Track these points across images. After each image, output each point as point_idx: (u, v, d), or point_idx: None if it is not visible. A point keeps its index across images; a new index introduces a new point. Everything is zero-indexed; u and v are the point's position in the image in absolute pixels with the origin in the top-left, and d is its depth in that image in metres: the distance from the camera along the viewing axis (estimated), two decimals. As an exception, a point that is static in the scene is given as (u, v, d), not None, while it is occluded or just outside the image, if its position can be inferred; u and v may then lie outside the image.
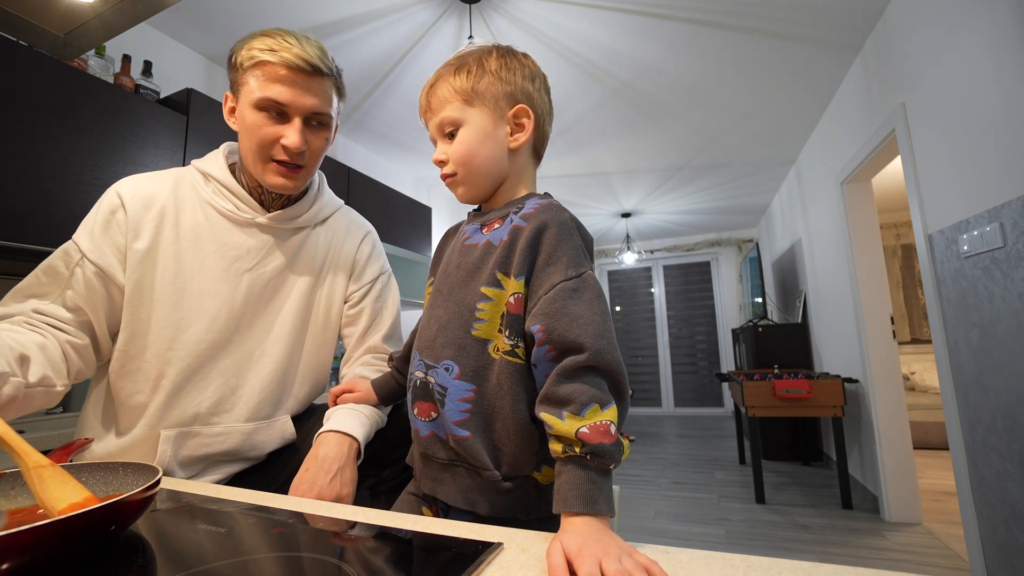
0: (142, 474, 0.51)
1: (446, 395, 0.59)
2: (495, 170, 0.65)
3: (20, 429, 1.34)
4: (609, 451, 0.47)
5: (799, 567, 0.37)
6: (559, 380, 0.51)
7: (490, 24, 2.08)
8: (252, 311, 0.82)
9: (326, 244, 0.91)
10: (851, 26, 2.15)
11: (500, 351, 0.58)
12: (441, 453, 0.60)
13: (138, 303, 0.76)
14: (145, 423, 0.76)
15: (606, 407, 0.49)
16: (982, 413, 1.58)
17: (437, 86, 0.66)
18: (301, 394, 0.89)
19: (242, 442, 0.80)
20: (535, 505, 0.58)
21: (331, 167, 2.44)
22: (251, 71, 0.74)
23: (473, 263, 0.62)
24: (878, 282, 2.60)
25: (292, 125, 0.76)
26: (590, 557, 0.39)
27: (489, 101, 0.64)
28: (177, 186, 0.82)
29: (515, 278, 0.58)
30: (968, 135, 1.56)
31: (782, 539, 2.31)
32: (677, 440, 4.66)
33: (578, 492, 0.46)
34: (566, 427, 0.48)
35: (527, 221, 0.59)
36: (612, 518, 0.47)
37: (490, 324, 0.59)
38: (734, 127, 3.14)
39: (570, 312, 0.53)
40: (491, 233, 0.63)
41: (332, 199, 0.96)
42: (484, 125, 0.63)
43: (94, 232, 0.76)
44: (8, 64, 1.28)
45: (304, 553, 0.44)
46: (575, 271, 0.56)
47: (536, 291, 0.56)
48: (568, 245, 0.57)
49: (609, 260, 6.62)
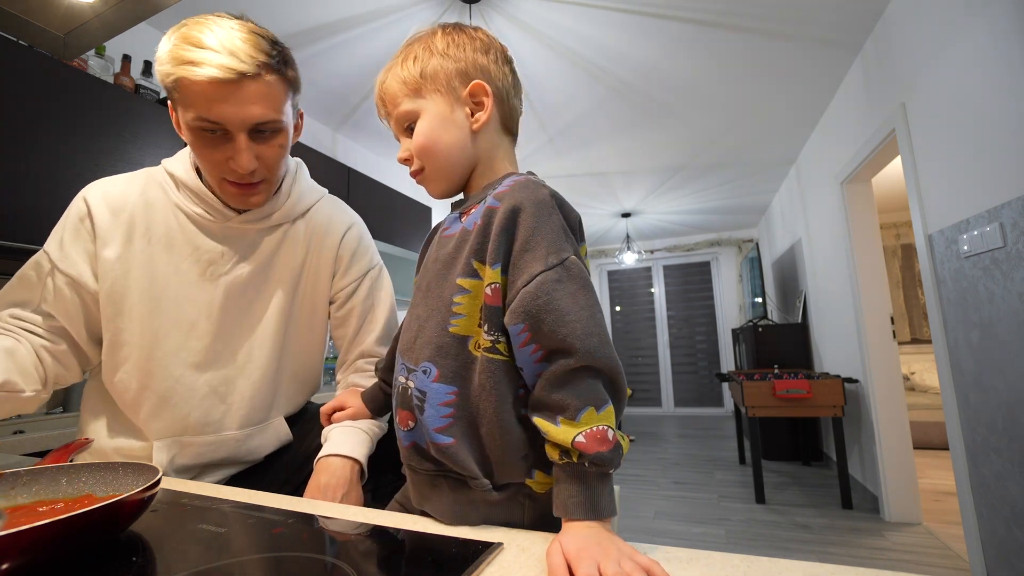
0: (142, 474, 0.51)
1: (425, 400, 0.54)
2: (461, 157, 0.60)
3: (20, 429, 1.35)
4: (608, 459, 0.45)
5: (799, 567, 0.37)
6: (550, 387, 0.48)
7: (490, 24, 2.08)
8: (233, 317, 0.78)
9: (306, 240, 0.85)
10: (851, 26, 2.15)
11: (481, 348, 0.53)
12: (424, 464, 0.56)
13: (114, 313, 0.74)
14: (136, 433, 0.76)
15: (602, 408, 0.47)
16: (982, 413, 1.58)
17: (388, 82, 0.61)
18: (292, 396, 0.87)
19: (237, 448, 0.79)
20: (529, 514, 0.54)
21: (331, 167, 2.44)
22: (175, 90, 0.65)
23: (449, 254, 0.57)
24: (878, 282, 2.60)
25: (236, 144, 0.68)
26: (588, 559, 0.38)
27: (441, 84, 0.59)
28: (147, 188, 0.77)
29: (491, 267, 0.52)
30: (968, 135, 1.56)
31: (782, 539, 2.31)
32: (677, 440, 4.66)
33: (578, 500, 0.44)
34: (562, 435, 0.46)
35: (500, 201, 0.53)
36: (614, 517, 0.46)
37: (469, 319, 0.54)
38: (734, 127, 3.14)
39: (554, 308, 0.48)
40: (469, 218, 0.57)
41: (311, 189, 0.88)
42: (440, 111, 0.59)
43: (64, 241, 0.74)
44: (8, 64, 1.28)
45: (304, 553, 0.44)
46: (556, 258, 0.50)
47: (514, 282, 0.51)
48: (547, 227, 0.51)
49: (609, 260, 6.62)
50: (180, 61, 0.62)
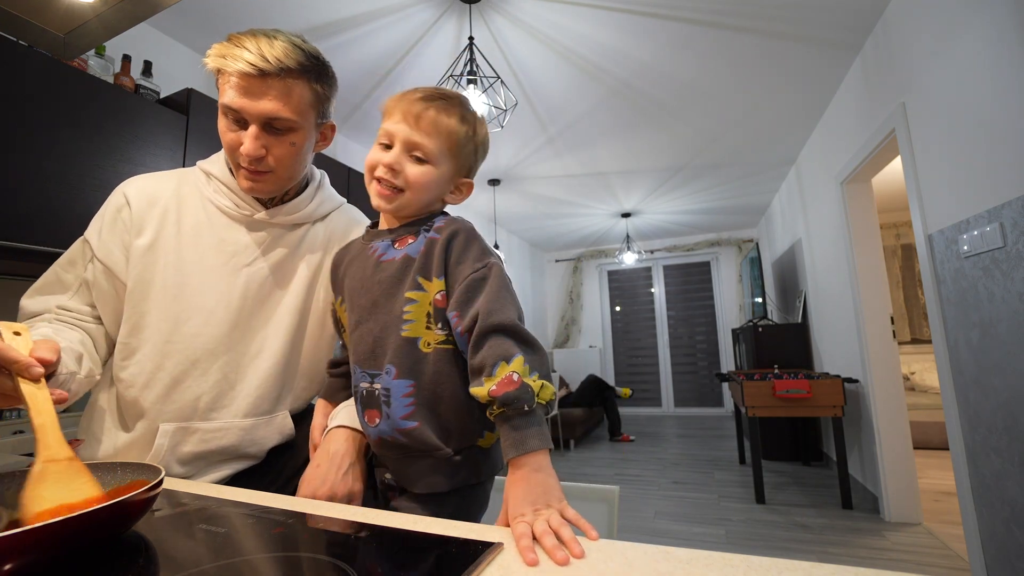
0: (144, 474, 0.51)
1: (390, 395, 0.65)
2: (426, 206, 0.74)
3: (20, 430, 1.35)
4: (515, 396, 0.53)
5: (799, 567, 0.37)
6: (472, 353, 0.60)
7: (490, 24, 2.09)
8: (250, 307, 0.83)
9: (325, 240, 0.91)
10: (851, 26, 2.15)
11: (432, 344, 0.66)
12: (391, 451, 0.68)
13: (139, 297, 0.78)
14: (145, 418, 0.77)
15: (512, 359, 0.56)
16: (982, 413, 1.58)
17: (437, 113, 0.69)
18: (301, 391, 0.89)
19: (241, 438, 0.80)
20: (483, 467, 0.68)
21: (331, 167, 2.44)
22: (217, 78, 0.75)
23: (393, 276, 0.68)
24: (878, 282, 2.60)
25: (248, 132, 0.75)
26: (522, 522, 0.47)
27: (460, 162, 0.73)
28: (180, 185, 0.84)
29: (436, 278, 0.67)
30: (968, 135, 1.56)
31: (782, 539, 2.31)
32: (677, 440, 4.66)
33: (510, 441, 0.54)
34: (483, 391, 0.56)
35: (439, 232, 0.69)
36: (551, 450, 0.55)
37: (417, 323, 0.66)
38: (734, 127, 3.14)
39: (473, 295, 0.62)
40: (407, 247, 0.70)
41: (333, 196, 0.96)
42: (445, 175, 0.72)
43: (102, 231, 0.80)
44: (8, 64, 1.28)
45: (304, 553, 0.44)
46: (480, 263, 0.65)
47: (453, 286, 0.66)
48: (474, 245, 0.68)
49: (609, 260, 6.62)
50: (221, 54, 0.72)
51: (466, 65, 1.91)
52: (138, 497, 0.43)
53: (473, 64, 1.91)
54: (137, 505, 0.43)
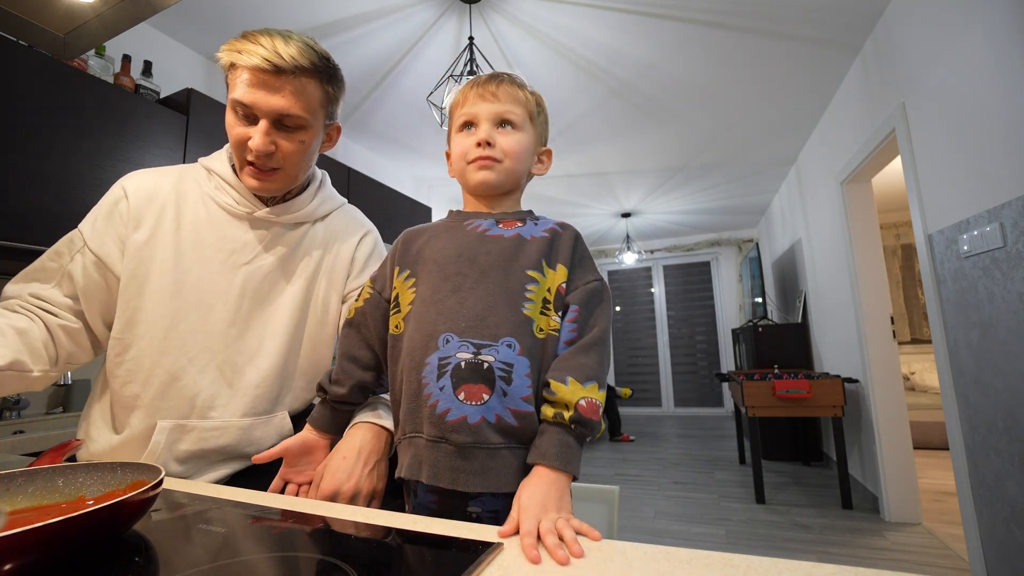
0: (144, 475, 0.51)
1: (512, 371, 0.60)
2: (520, 178, 0.75)
3: (20, 430, 1.35)
4: (593, 426, 0.57)
5: (799, 567, 0.37)
6: (578, 351, 0.62)
7: (490, 24, 2.09)
8: (249, 305, 0.82)
9: (324, 240, 0.91)
10: (851, 26, 2.15)
11: (546, 331, 0.65)
12: (493, 438, 0.58)
13: (134, 291, 0.77)
14: (141, 415, 0.76)
15: (602, 388, 0.60)
16: (982, 413, 1.58)
17: (509, 85, 0.73)
18: (300, 391, 0.89)
19: (239, 437, 0.80)
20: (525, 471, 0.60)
21: (331, 167, 2.44)
22: (228, 73, 0.75)
23: (508, 249, 0.67)
24: (878, 282, 2.60)
25: (258, 127, 0.75)
26: (532, 517, 0.48)
27: (538, 130, 0.76)
28: (181, 180, 0.83)
29: (562, 266, 0.68)
30: (968, 135, 1.56)
31: (782, 539, 2.31)
32: (677, 440, 4.66)
33: (558, 450, 0.55)
34: (570, 393, 0.57)
35: (563, 228, 0.72)
36: (575, 478, 0.56)
37: (536, 305, 0.65)
38: (734, 127, 3.14)
39: (595, 303, 0.67)
40: (517, 229, 0.70)
41: (333, 196, 0.96)
42: (531, 143, 0.74)
43: (97, 222, 0.79)
44: (8, 64, 1.28)
45: (304, 553, 0.44)
46: (595, 275, 0.69)
47: (576, 280, 0.68)
48: (589, 253, 0.72)
49: (609, 260, 6.62)
50: (236, 48, 0.73)
51: (466, 65, 1.91)
52: (138, 497, 0.43)
53: (473, 64, 1.91)
54: (137, 505, 0.43)
